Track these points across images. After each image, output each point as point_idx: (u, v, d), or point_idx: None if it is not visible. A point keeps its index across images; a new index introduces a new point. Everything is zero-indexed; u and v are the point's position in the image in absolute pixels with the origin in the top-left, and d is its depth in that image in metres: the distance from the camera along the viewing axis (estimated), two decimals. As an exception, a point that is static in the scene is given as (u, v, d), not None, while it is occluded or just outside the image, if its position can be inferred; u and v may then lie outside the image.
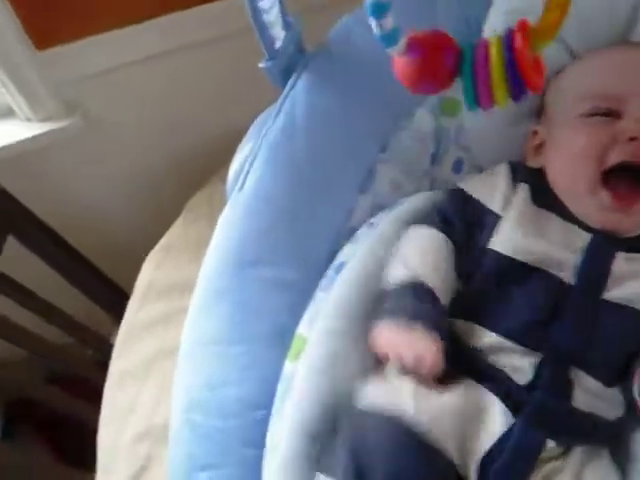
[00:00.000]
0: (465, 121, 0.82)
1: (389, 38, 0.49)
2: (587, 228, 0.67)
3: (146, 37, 1.13)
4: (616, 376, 0.64)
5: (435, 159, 0.85)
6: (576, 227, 0.67)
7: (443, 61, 0.50)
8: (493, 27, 0.80)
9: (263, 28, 0.72)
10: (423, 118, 0.82)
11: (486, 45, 0.49)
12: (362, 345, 0.64)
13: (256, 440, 0.64)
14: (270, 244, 0.72)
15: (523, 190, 0.70)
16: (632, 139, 0.64)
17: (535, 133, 0.76)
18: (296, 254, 0.73)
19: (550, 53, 0.77)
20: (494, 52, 0.48)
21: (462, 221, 0.69)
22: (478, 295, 0.66)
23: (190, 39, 1.14)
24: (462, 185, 0.75)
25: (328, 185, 0.77)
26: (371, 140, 0.80)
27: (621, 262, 0.64)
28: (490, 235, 0.68)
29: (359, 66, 0.80)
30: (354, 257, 0.71)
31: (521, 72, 0.48)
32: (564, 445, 0.61)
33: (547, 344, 0.62)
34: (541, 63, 0.51)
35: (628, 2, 0.77)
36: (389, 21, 0.48)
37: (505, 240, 0.66)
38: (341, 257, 0.73)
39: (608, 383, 0.63)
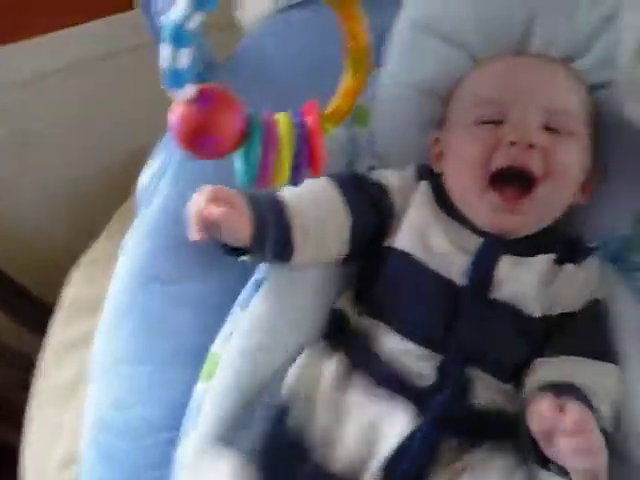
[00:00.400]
0: (376, 130, 0.84)
1: (178, 76, 0.44)
2: (480, 232, 0.70)
3: (69, 45, 1.11)
4: (511, 373, 0.67)
5: (350, 168, 0.86)
6: (469, 231, 0.70)
7: (229, 121, 0.46)
8: (400, 38, 0.82)
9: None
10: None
11: (274, 122, 0.48)
12: (277, 361, 0.65)
13: (162, 462, 0.64)
14: (177, 260, 0.72)
15: (423, 187, 0.72)
16: (512, 143, 0.67)
17: (436, 141, 0.79)
18: (206, 270, 0.73)
19: (455, 61, 0.81)
20: (284, 129, 0.47)
21: (365, 195, 0.70)
22: (381, 292, 0.68)
23: (111, 48, 1.12)
24: (373, 173, 0.76)
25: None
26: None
27: (506, 264, 0.67)
28: (390, 229, 0.70)
29: (266, 77, 0.81)
30: (272, 273, 0.71)
31: (308, 154, 0.47)
32: (468, 443, 0.63)
33: (447, 346, 0.65)
34: (324, 148, 0.50)
35: (522, 13, 0.79)
36: (188, 55, 0.43)
37: (404, 238, 0.68)
38: (260, 272, 0.73)
39: (504, 380, 0.66)
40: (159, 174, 0.77)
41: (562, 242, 0.73)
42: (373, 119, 0.84)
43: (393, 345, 0.67)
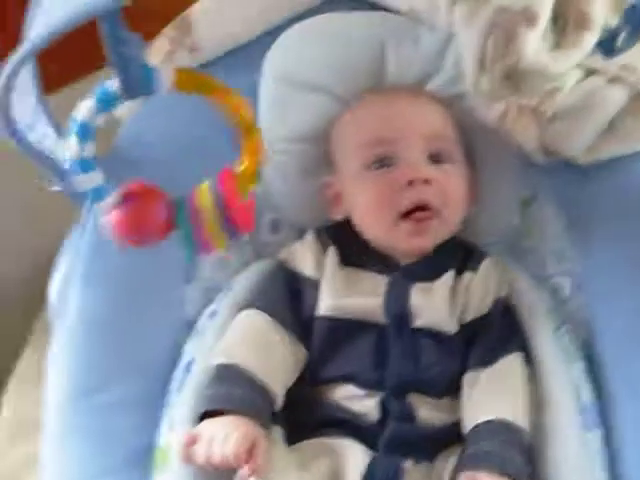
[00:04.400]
0: (268, 186, 0.87)
1: (87, 164, 0.50)
2: (386, 272, 0.75)
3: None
4: (446, 388, 0.72)
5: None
6: (377, 275, 0.76)
7: (156, 213, 0.52)
8: (265, 94, 0.86)
9: (41, 158, 0.71)
10: None
11: (197, 197, 0.52)
12: None
13: None
14: (104, 368, 0.73)
15: (332, 254, 0.77)
16: (410, 182, 0.73)
17: (329, 185, 0.83)
18: (135, 369, 0.74)
19: (321, 105, 0.85)
20: (204, 200, 0.52)
21: (287, 295, 0.74)
22: (320, 358, 0.72)
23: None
24: (282, 256, 0.80)
25: (149, 288, 0.78)
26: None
27: (418, 293, 0.73)
28: (316, 300, 0.74)
29: (152, 164, 0.82)
30: (201, 352, 0.72)
31: (232, 216, 0.52)
32: (424, 461, 0.67)
33: (384, 382, 0.69)
34: (251, 204, 0.55)
35: (372, 45, 0.85)
36: (92, 146, 0.50)
37: (326, 304, 0.73)
38: (188, 354, 0.74)
39: (440, 396, 0.71)
40: (66, 279, 0.77)
41: (458, 255, 0.78)
42: (263, 177, 0.88)
43: (335, 393, 0.71)
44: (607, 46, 0.56)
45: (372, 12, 0.89)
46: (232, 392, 0.64)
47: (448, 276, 0.75)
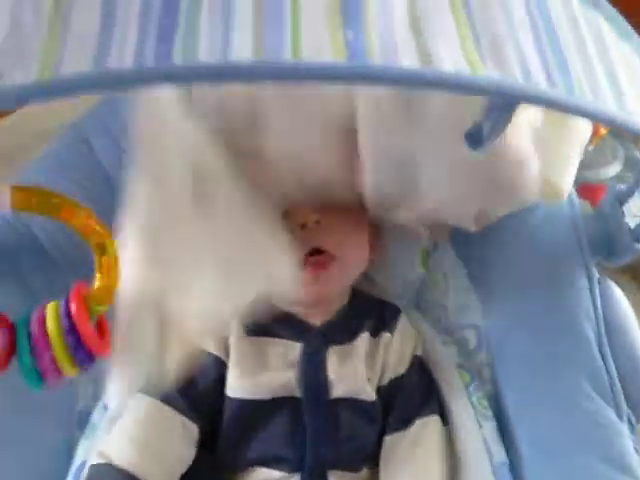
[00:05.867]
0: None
1: None
2: (297, 338, 0.70)
3: None
4: (365, 461, 0.69)
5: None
6: (288, 342, 0.70)
7: None
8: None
9: None
10: None
11: (42, 315, 0.47)
12: None
13: None
14: None
15: (234, 326, 0.71)
16: (303, 226, 0.69)
17: None
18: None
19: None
20: (51, 322, 0.47)
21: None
22: (231, 441, 0.67)
23: None
24: None
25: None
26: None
27: (334, 359, 0.69)
28: (217, 374, 0.68)
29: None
30: (94, 453, 0.64)
31: (83, 339, 0.47)
32: None
33: (302, 461, 0.65)
34: (105, 326, 0.51)
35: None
36: None
37: (233, 385, 0.67)
38: (80, 456, 0.66)
39: (360, 469, 0.68)
40: None
41: (372, 313, 0.75)
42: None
43: (249, 478, 0.66)
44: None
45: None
46: None
47: (364, 337, 0.72)
